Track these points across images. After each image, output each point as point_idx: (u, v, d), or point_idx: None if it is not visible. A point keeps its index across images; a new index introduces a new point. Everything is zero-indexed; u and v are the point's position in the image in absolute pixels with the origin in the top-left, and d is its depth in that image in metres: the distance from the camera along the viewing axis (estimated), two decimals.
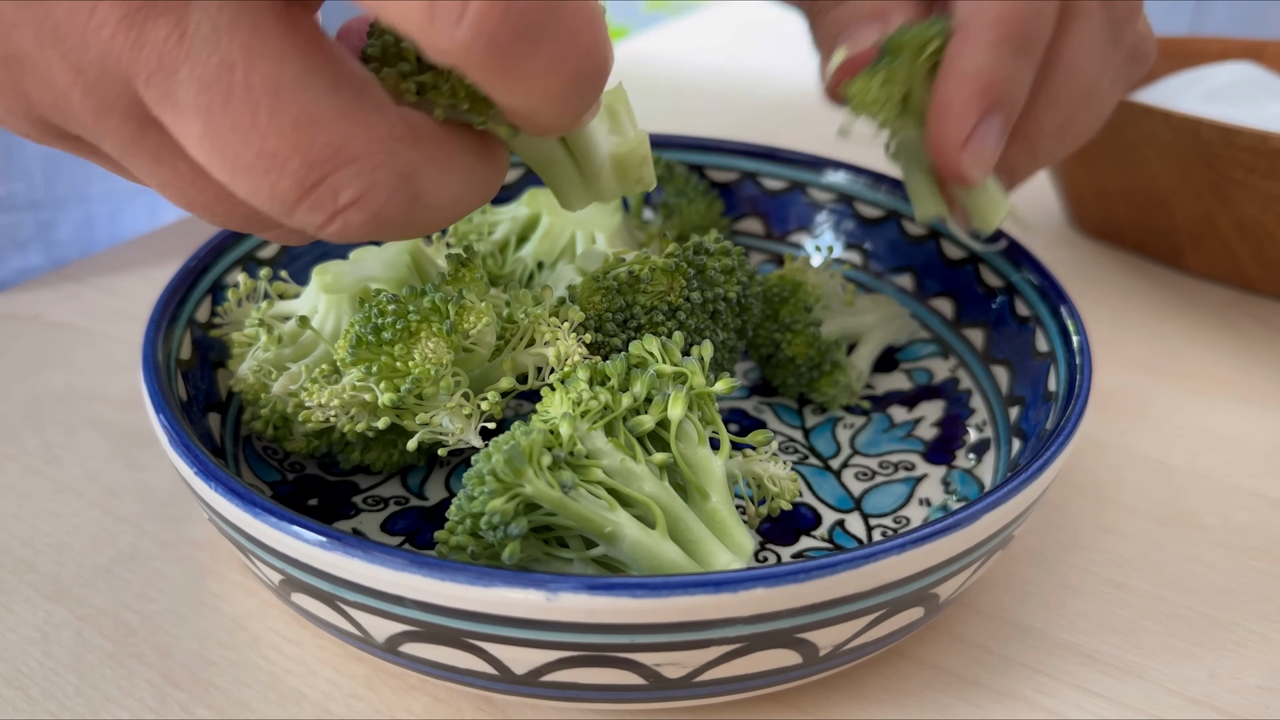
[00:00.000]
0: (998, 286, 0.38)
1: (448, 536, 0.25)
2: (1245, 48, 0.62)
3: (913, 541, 0.23)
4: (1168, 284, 0.51)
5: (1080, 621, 0.31)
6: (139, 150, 0.21)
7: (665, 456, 0.27)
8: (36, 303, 0.45)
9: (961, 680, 0.28)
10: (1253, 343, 0.46)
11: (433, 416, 0.28)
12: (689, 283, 0.31)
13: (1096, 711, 0.28)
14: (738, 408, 0.38)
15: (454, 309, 0.27)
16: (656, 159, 0.43)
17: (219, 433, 0.32)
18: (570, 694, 0.24)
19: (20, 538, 0.32)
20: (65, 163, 0.50)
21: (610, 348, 0.30)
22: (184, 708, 0.27)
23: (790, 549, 0.31)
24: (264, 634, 0.29)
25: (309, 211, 0.20)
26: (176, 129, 0.20)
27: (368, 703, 0.27)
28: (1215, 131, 0.45)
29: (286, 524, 0.23)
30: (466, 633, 0.23)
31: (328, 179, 0.20)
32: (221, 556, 0.32)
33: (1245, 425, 0.40)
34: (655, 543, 0.26)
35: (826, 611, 0.23)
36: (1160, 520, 0.35)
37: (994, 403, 0.36)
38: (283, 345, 0.31)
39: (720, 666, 0.24)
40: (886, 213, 0.42)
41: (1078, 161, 0.54)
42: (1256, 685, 0.29)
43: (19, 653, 0.28)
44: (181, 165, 0.21)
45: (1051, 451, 0.27)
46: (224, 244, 0.36)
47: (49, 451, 0.36)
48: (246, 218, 0.23)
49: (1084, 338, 0.32)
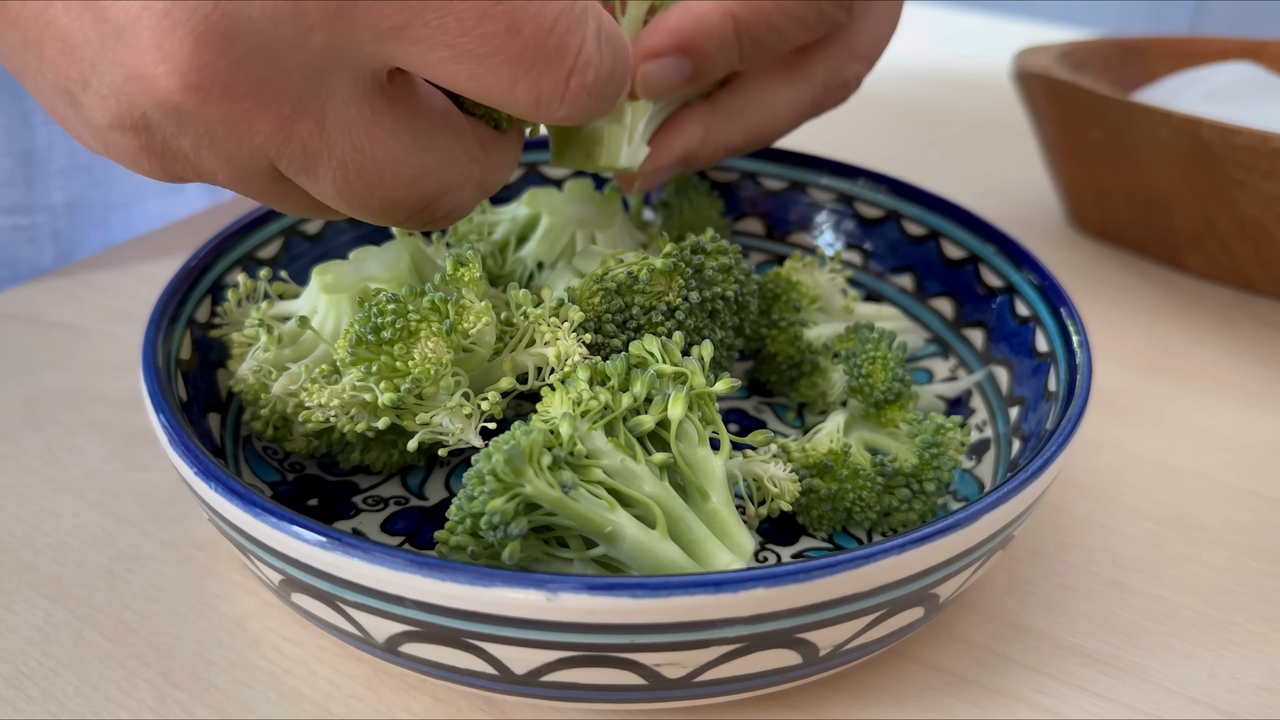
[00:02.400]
0: (998, 286, 0.38)
1: (448, 536, 0.25)
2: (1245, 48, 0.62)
3: (913, 541, 0.23)
4: (1168, 284, 0.51)
5: (1080, 621, 0.31)
6: (269, 196, 0.25)
7: (665, 456, 0.27)
8: (36, 303, 0.45)
9: (961, 680, 0.28)
10: (1253, 343, 0.46)
11: (433, 416, 0.28)
12: (687, 282, 0.31)
13: (1096, 711, 0.28)
14: (738, 408, 0.38)
15: (453, 309, 0.27)
16: None
17: (219, 433, 0.32)
18: (570, 694, 0.24)
19: (20, 538, 0.32)
20: (86, 191, 0.51)
21: (610, 348, 0.30)
22: (184, 708, 0.27)
23: (790, 549, 0.31)
24: (264, 634, 0.29)
25: (413, 224, 0.26)
26: (311, 188, 0.24)
27: (368, 703, 0.27)
28: (1215, 131, 0.45)
29: (286, 524, 0.23)
30: (466, 633, 0.23)
31: (432, 205, 0.26)
32: (221, 556, 0.32)
33: (1245, 425, 0.40)
34: (655, 543, 0.26)
35: (826, 612, 0.23)
36: (1160, 520, 0.35)
37: (994, 403, 0.36)
38: (283, 345, 0.31)
39: (720, 666, 0.24)
40: (886, 213, 0.42)
41: (1078, 161, 0.54)
42: (1256, 685, 0.29)
43: (19, 653, 0.28)
44: (304, 198, 0.25)
45: (1051, 451, 0.27)
46: (224, 244, 0.36)
47: (49, 451, 0.36)
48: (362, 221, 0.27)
49: (1084, 338, 0.32)
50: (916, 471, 0.31)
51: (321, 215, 0.27)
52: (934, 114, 0.77)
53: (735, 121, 0.34)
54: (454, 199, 0.26)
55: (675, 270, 0.31)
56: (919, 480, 0.31)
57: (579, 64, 0.23)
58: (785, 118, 0.35)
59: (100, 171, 0.51)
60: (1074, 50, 0.59)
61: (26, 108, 0.48)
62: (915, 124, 0.74)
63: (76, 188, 0.50)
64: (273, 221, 0.38)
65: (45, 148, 0.49)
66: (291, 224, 0.39)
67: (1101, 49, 0.61)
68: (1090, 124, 0.51)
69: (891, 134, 0.72)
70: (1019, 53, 0.57)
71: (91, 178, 0.51)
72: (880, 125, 0.73)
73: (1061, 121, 0.54)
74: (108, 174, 0.51)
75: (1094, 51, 0.61)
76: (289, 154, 0.23)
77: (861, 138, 0.69)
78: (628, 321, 0.31)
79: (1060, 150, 0.55)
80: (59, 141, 0.49)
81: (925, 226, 0.41)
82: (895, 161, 0.55)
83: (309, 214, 0.26)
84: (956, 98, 0.80)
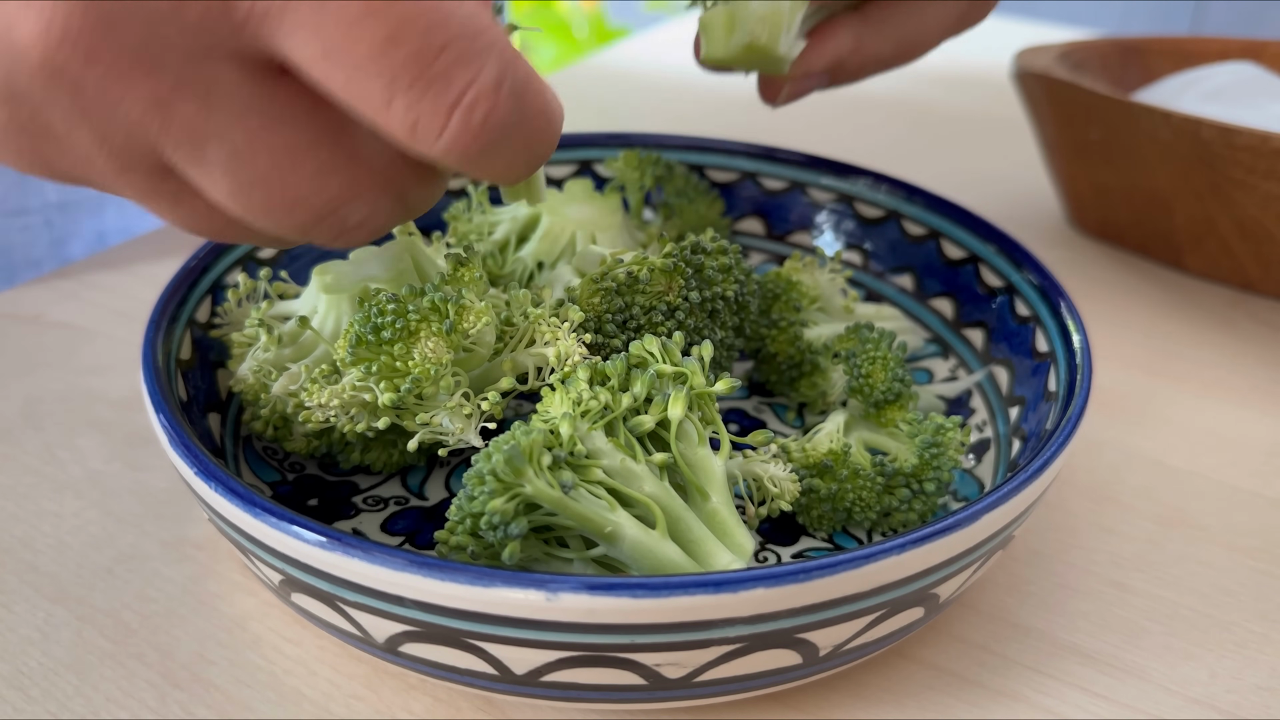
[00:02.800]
0: (998, 286, 0.38)
1: (448, 536, 0.25)
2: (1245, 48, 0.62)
3: (913, 541, 0.23)
4: (1168, 284, 0.51)
5: (1080, 621, 0.31)
6: (158, 195, 0.23)
7: (665, 456, 0.27)
8: (36, 303, 0.45)
9: (961, 680, 0.28)
10: (1253, 343, 0.46)
11: (433, 416, 0.28)
12: (687, 282, 0.31)
13: (1096, 711, 0.28)
14: (738, 408, 0.38)
15: (453, 309, 0.27)
16: (656, 158, 0.43)
17: (219, 433, 0.32)
18: (570, 694, 0.24)
19: (20, 538, 0.32)
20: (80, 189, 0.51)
21: (610, 349, 0.30)
22: (184, 708, 0.27)
23: (790, 549, 0.31)
24: (264, 634, 0.29)
25: (320, 235, 0.23)
26: (200, 182, 0.22)
27: (368, 703, 0.27)
28: (1215, 131, 0.45)
29: (286, 524, 0.23)
30: (466, 633, 0.23)
31: (338, 211, 0.23)
32: (221, 556, 0.32)
33: (1245, 425, 0.40)
34: (655, 543, 0.26)
35: (826, 612, 0.23)
36: (1160, 520, 0.35)
37: (994, 403, 0.36)
38: (283, 345, 0.31)
39: (720, 666, 0.24)
40: (886, 213, 0.42)
41: (1078, 161, 0.54)
42: (1256, 685, 0.29)
43: (19, 653, 0.28)
44: (199, 203, 0.23)
45: (1051, 451, 0.27)
46: (224, 244, 0.36)
47: (49, 451, 0.36)
48: (260, 240, 0.25)
49: (1084, 338, 0.32)
50: (916, 472, 0.31)
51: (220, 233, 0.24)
52: (934, 114, 0.77)
53: (886, 31, 0.34)
54: (365, 207, 0.23)
55: (675, 270, 0.31)
56: (919, 480, 0.31)
57: (468, 99, 0.20)
58: (935, 29, 0.35)
59: None
60: (1074, 50, 0.59)
61: None
62: (915, 124, 0.74)
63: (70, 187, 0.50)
64: None
65: None
66: None
67: (1101, 49, 0.61)
68: (1090, 124, 0.51)
69: (891, 134, 0.72)
70: (1019, 53, 0.57)
71: None
72: (880, 125, 0.73)
73: (1061, 121, 0.54)
74: None
75: (1094, 51, 0.61)
76: (173, 136, 0.21)
77: (862, 138, 0.69)
78: (628, 322, 0.31)
79: (1060, 150, 0.55)
80: None
81: (925, 226, 0.41)
82: (895, 161, 0.55)
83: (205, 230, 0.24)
84: (956, 98, 0.80)
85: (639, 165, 0.43)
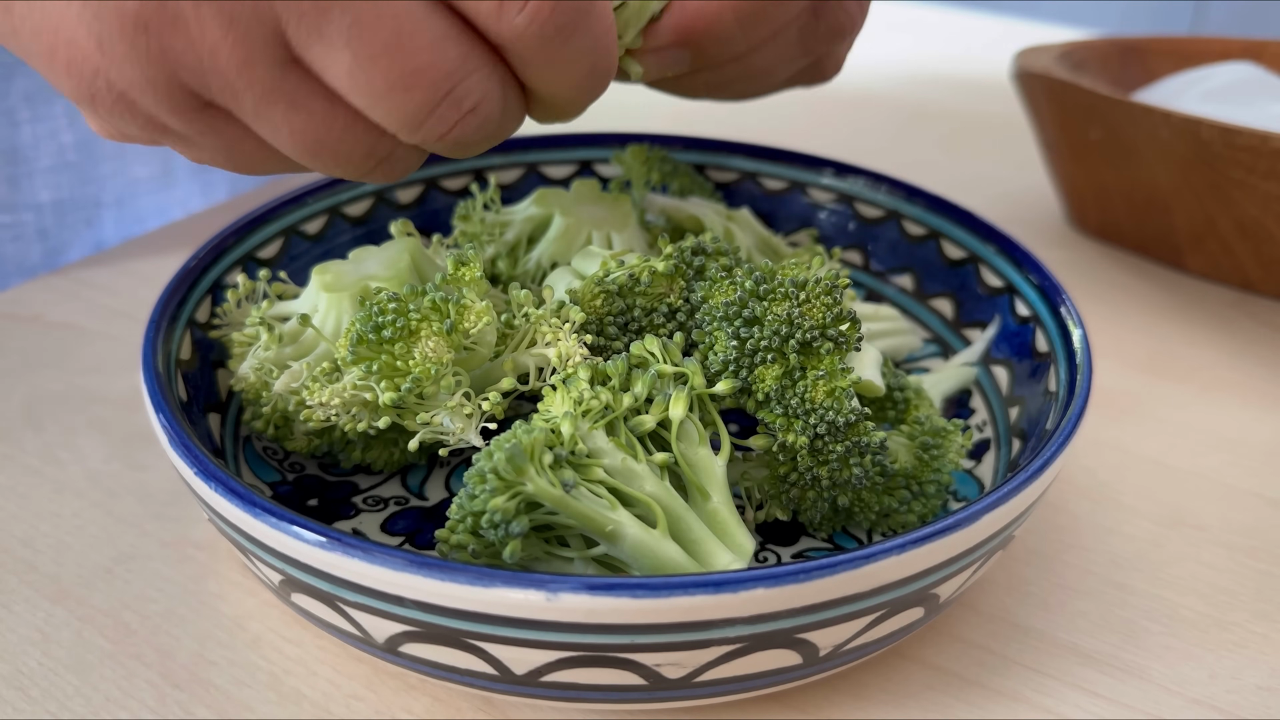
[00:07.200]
0: (998, 286, 0.38)
1: (449, 534, 0.25)
2: (1245, 48, 0.62)
3: (913, 541, 0.23)
4: (1168, 284, 0.51)
5: (1080, 621, 0.31)
6: (277, 97, 0.23)
7: (666, 456, 0.27)
8: (36, 303, 0.45)
9: (961, 680, 0.28)
10: (1253, 343, 0.46)
11: (434, 416, 0.28)
12: (688, 284, 0.31)
13: (1096, 711, 0.28)
14: (738, 407, 0.38)
15: (454, 308, 0.27)
16: (663, 155, 0.43)
17: (219, 433, 0.32)
18: (570, 694, 0.24)
19: (20, 538, 0.32)
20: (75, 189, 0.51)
21: (611, 351, 0.30)
22: (184, 708, 0.27)
23: (790, 549, 0.31)
24: (264, 634, 0.29)
25: (436, 123, 0.24)
26: (322, 62, 0.23)
27: (368, 703, 0.27)
28: (1215, 131, 0.45)
29: (286, 524, 0.23)
30: (466, 633, 0.23)
31: (455, 89, 0.23)
32: (221, 556, 0.32)
33: (1245, 425, 0.40)
34: (656, 542, 0.26)
35: (826, 612, 0.23)
36: (1160, 520, 0.35)
37: (994, 403, 0.36)
38: (284, 344, 0.31)
39: (720, 667, 0.24)
40: (886, 213, 0.42)
41: (1078, 161, 0.54)
42: (1256, 685, 0.29)
43: (19, 653, 0.28)
44: (316, 104, 0.24)
45: (1051, 451, 0.27)
46: (224, 244, 0.36)
47: (49, 451, 0.36)
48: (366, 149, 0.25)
49: (1084, 337, 0.32)
50: (916, 473, 0.31)
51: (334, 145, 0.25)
52: (934, 114, 0.77)
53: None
54: (479, 87, 0.24)
55: (676, 272, 0.31)
56: (919, 481, 0.31)
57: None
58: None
59: (89, 169, 0.51)
60: (1074, 50, 0.59)
61: (10, 105, 0.48)
62: (915, 124, 0.74)
63: (64, 185, 0.50)
64: (272, 221, 0.38)
65: (31, 145, 0.49)
66: (291, 224, 0.39)
67: (1102, 49, 0.61)
68: (1090, 124, 0.51)
69: (892, 134, 0.72)
70: (1019, 53, 0.57)
71: (81, 175, 0.51)
72: (880, 125, 0.73)
73: (1061, 122, 0.54)
74: (97, 171, 0.51)
75: (1094, 51, 0.61)
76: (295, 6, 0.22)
77: (861, 138, 0.69)
78: (629, 324, 0.31)
79: (1060, 150, 0.55)
80: (45, 139, 0.49)
81: (925, 226, 0.41)
82: (895, 162, 0.55)
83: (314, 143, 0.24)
84: (956, 98, 0.80)
85: (646, 160, 0.43)
